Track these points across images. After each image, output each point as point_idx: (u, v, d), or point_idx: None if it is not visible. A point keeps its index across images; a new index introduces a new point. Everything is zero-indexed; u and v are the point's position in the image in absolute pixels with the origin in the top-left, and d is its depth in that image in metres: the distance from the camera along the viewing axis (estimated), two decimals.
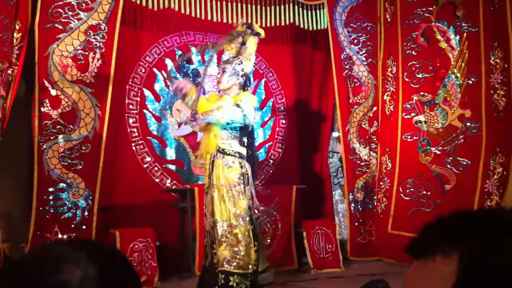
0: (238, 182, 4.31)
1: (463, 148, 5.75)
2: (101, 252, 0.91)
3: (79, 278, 0.83)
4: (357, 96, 6.61)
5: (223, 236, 4.27)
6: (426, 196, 5.96)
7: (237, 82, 4.50)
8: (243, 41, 4.55)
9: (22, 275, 0.85)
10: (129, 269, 0.94)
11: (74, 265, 0.84)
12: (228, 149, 4.36)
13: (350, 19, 6.59)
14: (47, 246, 0.93)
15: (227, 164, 4.33)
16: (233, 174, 4.32)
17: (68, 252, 0.87)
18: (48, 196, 5.10)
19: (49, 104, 5.16)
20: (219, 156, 4.35)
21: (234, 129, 4.41)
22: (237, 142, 4.41)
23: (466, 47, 5.83)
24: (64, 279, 0.82)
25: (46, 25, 5.18)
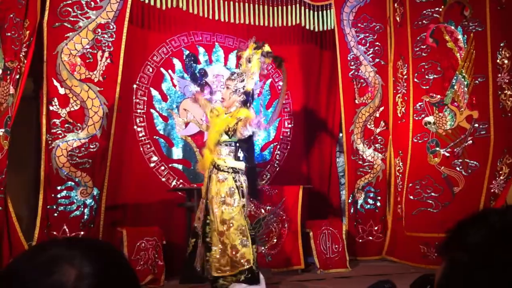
0: (229, 194, 4.44)
1: (471, 150, 5.72)
2: (97, 250, 0.89)
3: (74, 278, 0.82)
4: (363, 96, 6.59)
5: (214, 244, 4.44)
6: (434, 197, 5.93)
7: (237, 99, 4.64)
8: (249, 59, 4.70)
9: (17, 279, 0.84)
10: (126, 266, 0.92)
11: (69, 265, 0.83)
12: (222, 164, 4.52)
13: (358, 19, 6.58)
14: (42, 246, 0.90)
15: (220, 179, 4.49)
16: (225, 188, 4.46)
17: (63, 252, 0.85)
18: (56, 194, 5.12)
19: (57, 103, 5.18)
20: (214, 171, 4.53)
21: (229, 145, 4.57)
22: (231, 157, 4.57)
23: (474, 47, 5.81)
24: (59, 280, 0.81)
25: (55, 24, 5.21)
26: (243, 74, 4.69)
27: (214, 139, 4.57)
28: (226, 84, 4.73)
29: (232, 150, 4.59)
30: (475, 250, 0.76)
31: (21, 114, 4.97)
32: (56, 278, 0.81)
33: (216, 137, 4.56)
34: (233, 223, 4.39)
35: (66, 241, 0.94)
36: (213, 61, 6.49)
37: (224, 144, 4.56)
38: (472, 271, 0.76)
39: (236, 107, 4.64)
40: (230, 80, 4.71)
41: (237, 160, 4.59)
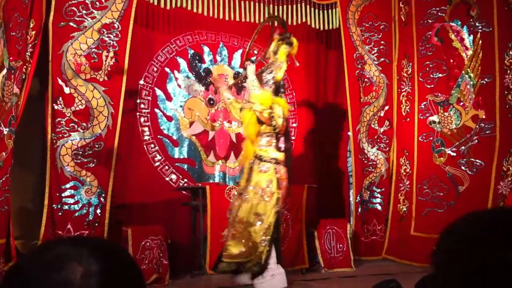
0: (267, 185, 4.54)
1: (477, 150, 5.70)
2: (103, 249, 0.91)
3: (80, 275, 0.83)
4: (367, 95, 6.58)
5: (238, 232, 4.51)
6: (440, 197, 5.92)
7: (269, 90, 4.74)
8: (275, 50, 4.81)
9: (25, 276, 0.85)
10: (132, 265, 0.93)
11: (76, 263, 0.84)
12: (265, 155, 4.62)
13: (363, 18, 6.57)
14: (49, 245, 0.92)
15: (262, 169, 4.59)
16: (265, 179, 4.57)
17: (69, 250, 0.86)
18: (61, 193, 5.13)
19: (62, 102, 5.20)
20: (256, 162, 4.62)
21: (270, 136, 4.67)
22: (273, 148, 4.67)
23: (480, 47, 5.78)
24: (66, 278, 0.82)
25: (60, 24, 5.22)
26: (271, 65, 4.81)
27: (254, 130, 4.65)
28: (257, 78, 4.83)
29: (273, 141, 4.69)
30: (448, 256, 0.79)
31: (28, 114, 4.99)
32: (63, 275, 0.83)
33: (255, 128, 4.64)
34: (264, 219, 4.49)
35: (73, 239, 0.97)
36: (217, 61, 6.49)
37: (266, 135, 4.66)
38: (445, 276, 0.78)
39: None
40: (260, 73, 4.83)
41: (278, 151, 4.68)
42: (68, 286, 0.82)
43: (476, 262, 0.74)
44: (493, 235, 0.75)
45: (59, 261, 0.85)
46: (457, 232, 0.82)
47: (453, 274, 0.77)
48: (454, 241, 0.81)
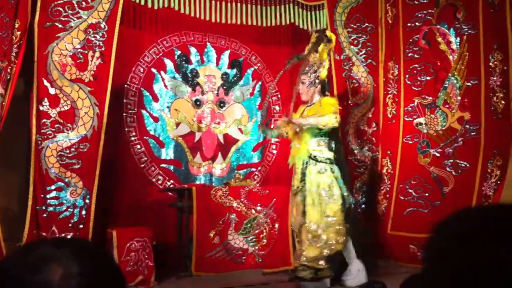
0: (329, 186, 4.64)
1: (462, 151, 5.74)
2: (84, 250, 0.91)
3: (59, 276, 0.83)
4: (355, 97, 6.59)
5: (313, 236, 4.61)
6: (424, 197, 5.95)
7: (316, 90, 4.91)
8: (316, 49, 4.92)
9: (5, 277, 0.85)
10: (113, 267, 0.94)
11: (56, 264, 0.84)
12: (320, 156, 4.72)
13: (350, 19, 6.58)
14: (30, 246, 0.92)
15: (320, 170, 4.68)
16: (325, 179, 4.67)
17: (50, 252, 0.87)
18: (45, 195, 5.09)
19: (48, 103, 5.16)
20: (312, 162, 4.70)
21: (323, 136, 4.77)
22: (326, 148, 4.78)
23: (466, 49, 5.81)
24: (45, 279, 0.83)
25: (46, 24, 5.18)
26: (313, 65, 4.91)
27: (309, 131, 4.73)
28: (301, 79, 4.93)
29: (326, 140, 4.78)
30: (437, 254, 0.79)
31: (12, 115, 4.95)
32: (43, 276, 0.83)
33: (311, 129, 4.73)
34: (336, 219, 4.60)
35: (55, 241, 0.96)
36: (205, 61, 6.48)
37: (319, 135, 4.76)
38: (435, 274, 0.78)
39: (316, 98, 4.90)
40: (304, 75, 4.92)
41: (330, 151, 4.78)
42: (47, 287, 0.82)
43: (468, 259, 0.72)
44: (485, 232, 0.74)
45: (40, 262, 0.85)
46: (447, 230, 0.82)
47: (443, 272, 0.76)
48: (444, 238, 0.80)
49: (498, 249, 0.70)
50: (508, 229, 0.73)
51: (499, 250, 0.70)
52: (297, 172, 4.81)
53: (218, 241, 5.47)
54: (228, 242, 5.50)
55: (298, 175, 4.78)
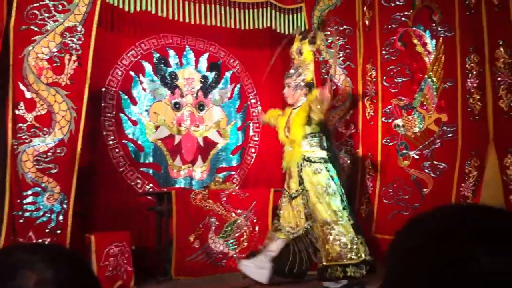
0: (328, 184, 4.65)
1: (440, 152, 5.79)
2: (58, 255, 0.90)
3: (33, 282, 0.82)
4: (333, 99, 6.61)
5: (328, 234, 4.58)
6: (405, 200, 5.99)
7: (302, 93, 4.88)
8: (300, 51, 4.93)
9: None
10: (88, 272, 0.93)
11: (29, 270, 0.83)
12: (313, 156, 4.72)
13: (328, 22, 6.61)
14: (4, 252, 0.91)
15: (315, 171, 4.67)
16: (322, 178, 4.66)
17: (23, 257, 0.86)
18: (22, 200, 5.01)
19: (24, 107, 5.09)
20: (306, 164, 4.70)
21: (314, 136, 4.77)
22: (319, 148, 4.77)
23: (443, 52, 5.87)
24: (19, 286, 0.81)
25: (22, 27, 5.11)
26: (298, 68, 4.90)
27: (302, 133, 4.73)
28: (286, 83, 4.91)
29: (317, 140, 4.78)
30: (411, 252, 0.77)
31: None
32: (16, 283, 0.81)
33: (301, 131, 4.73)
34: (342, 214, 4.60)
35: (28, 246, 0.95)
36: (183, 64, 6.46)
37: (310, 136, 4.75)
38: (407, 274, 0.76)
39: (302, 100, 4.87)
40: (289, 78, 4.91)
41: (323, 150, 4.78)
42: None
43: (445, 257, 0.72)
44: (462, 230, 0.74)
45: (13, 268, 0.83)
46: (423, 227, 0.80)
47: (419, 269, 0.74)
48: (420, 235, 0.79)
49: (476, 248, 0.70)
50: (485, 229, 0.73)
51: (477, 249, 0.70)
52: (293, 176, 4.79)
53: (198, 244, 5.45)
54: (209, 245, 5.49)
55: (295, 178, 4.76)
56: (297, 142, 4.74)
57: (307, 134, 4.75)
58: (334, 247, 4.56)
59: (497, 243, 0.71)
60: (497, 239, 0.72)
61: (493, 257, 0.69)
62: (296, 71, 4.91)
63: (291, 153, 4.79)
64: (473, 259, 0.69)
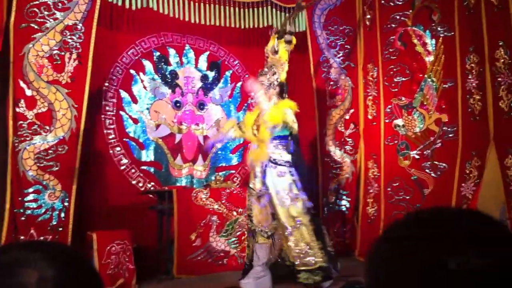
0: (290, 188, 4.57)
1: (440, 152, 5.81)
2: (59, 253, 0.90)
3: (35, 280, 0.82)
4: (333, 98, 6.63)
5: (287, 237, 4.55)
6: (406, 200, 6.01)
7: (274, 92, 4.76)
8: (275, 50, 4.87)
9: None
10: (89, 270, 0.93)
11: (31, 268, 0.83)
12: (279, 159, 4.64)
13: (329, 21, 6.61)
14: (4, 249, 0.91)
15: (279, 173, 4.61)
16: (285, 181, 4.59)
17: (24, 255, 0.85)
18: (23, 197, 5.00)
19: (24, 105, 5.07)
20: (272, 166, 4.63)
21: (282, 139, 4.69)
22: (285, 151, 4.69)
23: (442, 52, 5.89)
24: (20, 282, 0.81)
25: (22, 25, 5.10)
26: (272, 67, 4.82)
27: (269, 134, 4.65)
28: (260, 81, 4.78)
29: (285, 144, 4.71)
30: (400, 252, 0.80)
31: None
32: (18, 280, 0.81)
33: (271, 132, 4.65)
34: (301, 219, 4.53)
35: (28, 244, 0.95)
36: (184, 63, 6.45)
37: (279, 138, 4.68)
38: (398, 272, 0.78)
39: (274, 100, 4.75)
40: (262, 76, 4.80)
41: (289, 154, 4.72)
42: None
43: (438, 257, 0.74)
44: (456, 233, 0.77)
45: (14, 265, 0.83)
46: (409, 229, 0.83)
47: (409, 270, 0.76)
48: (407, 237, 0.81)
49: (467, 249, 0.73)
50: (477, 232, 0.77)
51: (467, 250, 0.73)
52: (257, 175, 4.70)
53: (199, 243, 5.45)
54: (210, 244, 5.49)
55: (259, 178, 4.68)
56: (266, 143, 4.64)
57: (275, 136, 4.67)
58: (291, 252, 4.54)
59: (486, 245, 0.75)
60: (486, 241, 0.75)
61: (482, 257, 0.73)
62: (270, 69, 4.81)
63: (257, 152, 4.68)
64: (464, 259, 0.72)
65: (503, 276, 0.72)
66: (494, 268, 0.72)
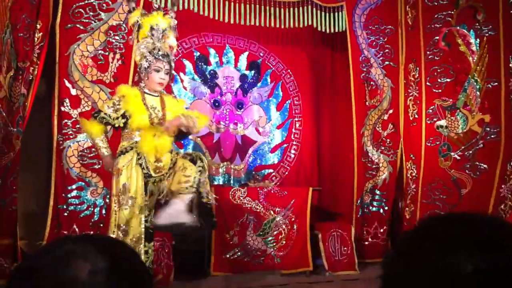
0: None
1: (482, 153, 5.70)
2: (109, 246, 0.93)
3: (88, 272, 0.85)
4: (373, 99, 6.55)
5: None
6: (443, 200, 5.92)
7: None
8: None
9: (33, 273, 0.88)
10: (138, 261, 0.96)
11: (83, 260, 0.86)
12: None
13: (369, 21, 6.54)
14: (57, 243, 0.95)
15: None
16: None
17: (76, 248, 0.89)
18: (67, 194, 5.15)
19: (69, 104, 5.22)
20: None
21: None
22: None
23: (486, 51, 5.78)
24: (72, 275, 0.85)
25: (67, 25, 5.24)
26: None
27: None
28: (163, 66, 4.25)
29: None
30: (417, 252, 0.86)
31: (35, 115, 5.02)
32: (71, 272, 0.85)
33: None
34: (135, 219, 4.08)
35: (79, 237, 0.98)
36: (223, 63, 6.51)
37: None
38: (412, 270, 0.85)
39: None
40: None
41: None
42: (75, 283, 0.85)
43: (449, 258, 0.80)
44: (463, 236, 0.82)
45: (67, 258, 0.87)
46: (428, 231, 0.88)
47: (425, 267, 0.81)
48: (430, 238, 0.86)
49: (474, 251, 0.79)
50: (483, 236, 0.82)
51: (474, 252, 0.79)
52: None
53: (236, 241, 5.48)
54: (247, 242, 5.52)
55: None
56: (169, 138, 4.09)
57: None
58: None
59: (491, 248, 0.80)
60: (491, 244, 0.81)
61: (486, 259, 0.78)
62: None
63: (161, 143, 4.04)
64: (472, 260, 0.78)
65: (504, 276, 0.77)
66: (499, 270, 0.77)
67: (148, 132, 4.07)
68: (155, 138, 4.06)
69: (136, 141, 4.06)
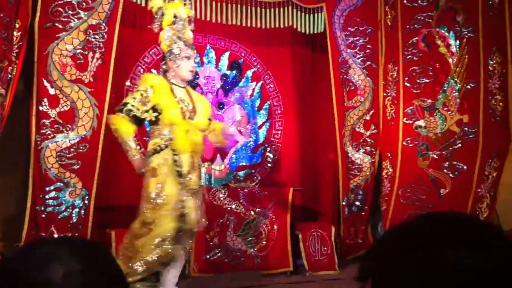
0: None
1: (460, 153, 5.76)
2: (84, 248, 0.93)
3: (62, 274, 0.84)
4: (351, 100, 6.56)
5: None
6: (422, 200, 5.97)
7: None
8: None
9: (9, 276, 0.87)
10: (113, 263, 0.95)
11: (57, 263, 0.86)
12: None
13: (348, 22, 6.55)
14: (32, 245, 0.94)
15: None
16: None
17: (52, 250, 0.88)
18: (44, 195, 5.09)
19: (47, 103, 5.16)
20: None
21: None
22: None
23: (466, 52, 5.84)
24: (46, 277, 0.84)
25: (46, 24, 5.18)
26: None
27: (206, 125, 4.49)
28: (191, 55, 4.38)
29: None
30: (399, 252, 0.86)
31: (13, 115, 4.96)
32: (45, 275, 0.84)
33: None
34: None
35: (55, 239, 0.97)
36: (204, 63, 6.49)
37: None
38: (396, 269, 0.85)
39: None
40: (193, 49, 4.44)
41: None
42: (50, 285, 0.84)
43: (433, 256, 0.80)
44: (450, 234, 0.82)
45: (42, 260, 0.87)
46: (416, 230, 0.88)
47: (409, 266, 0.81)
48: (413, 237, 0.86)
49: (460, 249, 0.79)
50: (470, 235, 0.82)
51: (461, 250, 0.79)
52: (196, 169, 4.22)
53: (216, 242, 5.48)
54: (227, 243, 5.51)
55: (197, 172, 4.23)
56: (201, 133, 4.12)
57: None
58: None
59: (479, 247, 0.80)
60: (479, 243, 0.81)
61: (474, 258, 0.79)
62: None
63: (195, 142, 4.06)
64: (458, 259, 0.78)
65: (491, 275, 0.77)
66: (487, 269, 0.78)
67: (181, 128, 3.96)
68: (189, 134, 3.97)
69: (170, 137, 3.96)
